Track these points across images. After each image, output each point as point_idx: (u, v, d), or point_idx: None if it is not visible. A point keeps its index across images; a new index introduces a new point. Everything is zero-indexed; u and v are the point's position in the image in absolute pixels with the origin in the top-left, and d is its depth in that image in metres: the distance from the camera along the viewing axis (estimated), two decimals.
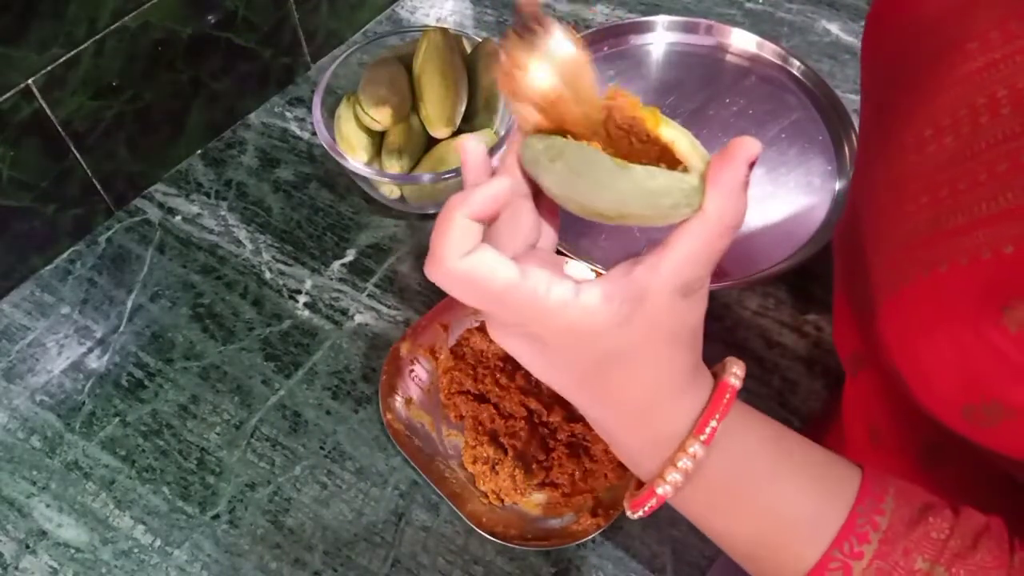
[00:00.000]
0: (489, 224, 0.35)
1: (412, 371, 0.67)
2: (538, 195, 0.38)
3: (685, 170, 0.32)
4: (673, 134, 0.33)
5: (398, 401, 0.65)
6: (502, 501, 0.61)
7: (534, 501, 0.61)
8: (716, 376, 0.38)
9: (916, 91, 0.38)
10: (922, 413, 0.36)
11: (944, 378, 0.34)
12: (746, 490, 0.37)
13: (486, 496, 0.61)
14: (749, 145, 0.32)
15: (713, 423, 0.36)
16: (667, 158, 0.33)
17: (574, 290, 0.33)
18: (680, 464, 0.36)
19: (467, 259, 0.33)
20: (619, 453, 0.39)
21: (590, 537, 0.58)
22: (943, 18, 0.39)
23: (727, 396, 0.36)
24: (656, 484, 0.37)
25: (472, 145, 0.38)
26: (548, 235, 0.39)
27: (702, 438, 0.36)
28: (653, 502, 0.37)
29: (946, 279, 0.34)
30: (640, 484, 0.39)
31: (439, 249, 0.33)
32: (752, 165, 0.32)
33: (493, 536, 0.58)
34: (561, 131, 0.35)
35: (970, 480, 0.40)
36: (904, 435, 0.43)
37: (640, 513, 0.38)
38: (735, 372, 0.37)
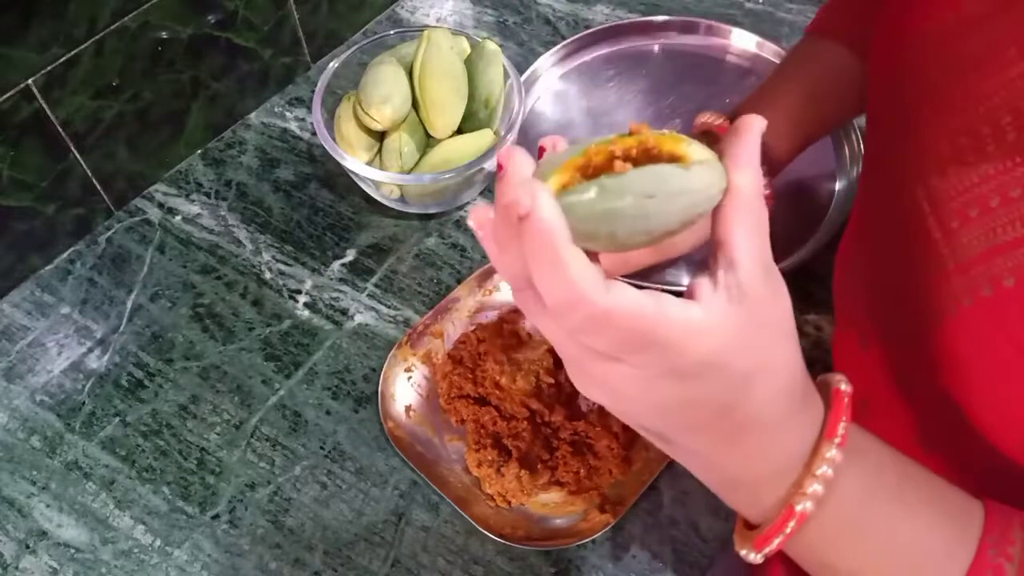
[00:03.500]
0: None
1: (410, 378, 0.67)
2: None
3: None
4: (670, 137, 0.32)
5: (398, 409, 0.65)
6: (509, 503, 0.61)
7: (541, 501, 0.61)
8: (820, 391, 0.36)
9: (941, 104, 0.38)
10: (915, 392, 0.36)
11: (1015, 404, 0.33)
12: (878, 513, 0.34)
13: (492, 499, 0.61)
14: (757, 120, 0.32)
15: (843, 425, 0.33)
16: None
17: (702, 307, 0.30)
18: (819, 472, 0.32)
19: (613, 294, 0.28)
20: (735, 492, 0.36)
21: (600, 533, 0.58)
22: (964, 31, 0.38)
23: (846, 400, 0.34)
24: (796, 500, 0.33)
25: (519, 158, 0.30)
26: None
27: (836, 440, 0.33)
28: (791, 525, 0.33)
29: (1013, 295, 0.32)
30: (749, 525, 0.36)
31: (579, 289, 0.28)
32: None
33: (502, 538, 0.58)
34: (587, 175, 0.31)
35: (962, 467, 0.39)
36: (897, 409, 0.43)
37: (769, 548, 0.34)
38: (840, 379, 0.35)
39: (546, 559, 0.59)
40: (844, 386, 0.35)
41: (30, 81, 0.65)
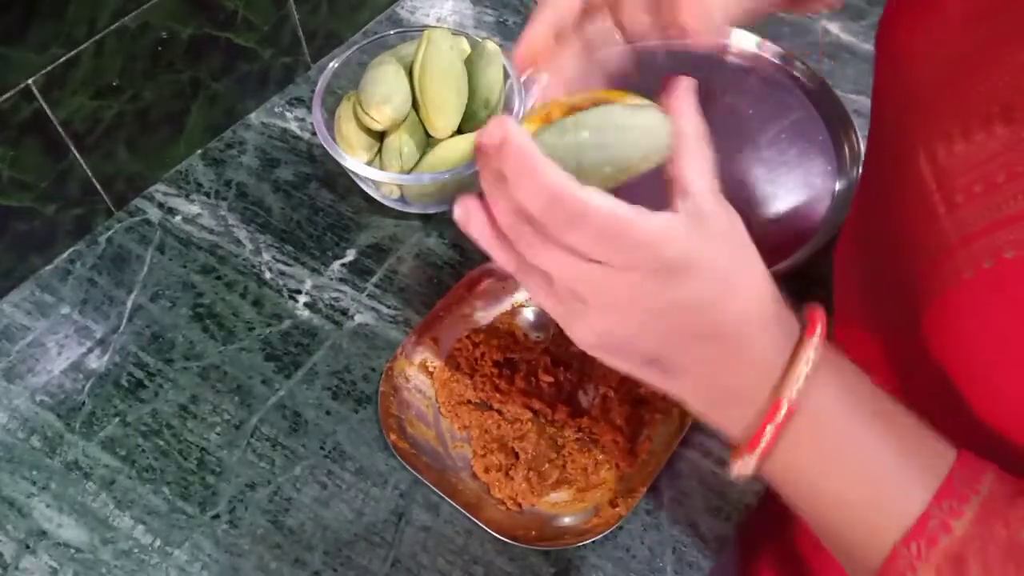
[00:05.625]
0: None
1: (409, 389, 0.66)
2: None
3: None
4: (616, 92, 0.38)
5: (400, 420, 0.65)
6: (520, 506, 0.61)
7: (551, 501, 0.61)
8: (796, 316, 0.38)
9: (952, 84, 0.38)
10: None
11: (1016, 381, 0.33)
12: (849, 428, 0.36)
13: (503, 503, 0.61)
14: (685, 80, 0.38)
15: (820, 326, 0.36)
16: None
17: (670, 215, 0.34)
18: (803, 360, 0.35)
19: (588, 191, 0.33)
20: (727, 405, 0.38)
21: (610, 529, 0.58)
22: (979, 14, 0.38)
23: (820, 318, 0.37)
24: (782, 392, 0.35)
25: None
26: None
27: (815, 339, 0.35)
28: (781, 415, 0.35)
29: (1014, 266, 0.32)
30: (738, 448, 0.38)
31: (557, 187, 0.32)
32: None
33: (515, 541, 0.58)
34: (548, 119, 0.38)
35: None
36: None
37: (763, 442, 0.35)
38: (814, 304, 0.37)
39: (546, 559, 0.59)
40: (818, 310, 0.37)
41: (30, 81, 0.65)
